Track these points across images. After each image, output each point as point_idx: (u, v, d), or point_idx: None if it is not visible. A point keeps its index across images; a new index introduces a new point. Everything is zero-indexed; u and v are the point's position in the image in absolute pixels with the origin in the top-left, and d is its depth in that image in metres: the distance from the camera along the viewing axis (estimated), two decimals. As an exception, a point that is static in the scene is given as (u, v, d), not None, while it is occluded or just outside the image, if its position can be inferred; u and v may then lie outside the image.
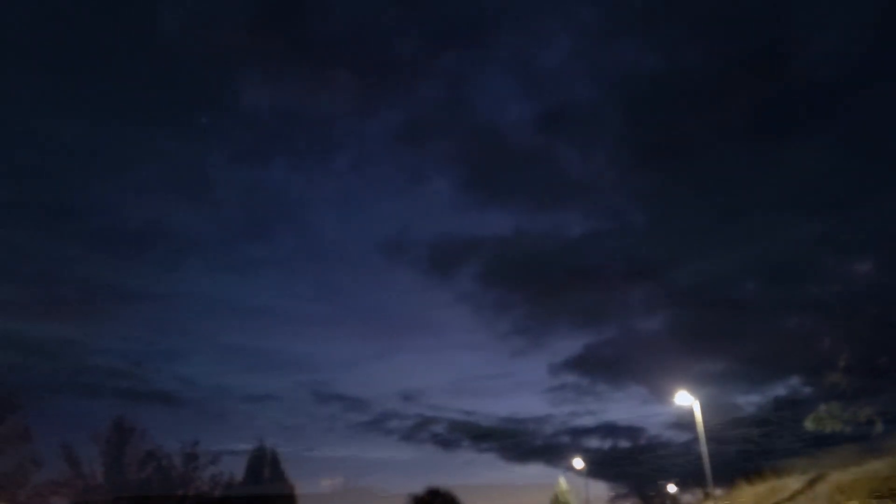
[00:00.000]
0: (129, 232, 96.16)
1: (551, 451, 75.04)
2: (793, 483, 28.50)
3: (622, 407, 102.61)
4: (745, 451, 54.80)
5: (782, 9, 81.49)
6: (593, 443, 78.26)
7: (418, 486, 57.37)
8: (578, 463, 60.43)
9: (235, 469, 51.71)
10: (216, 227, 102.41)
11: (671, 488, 56.59)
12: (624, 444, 77.01)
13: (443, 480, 71.16)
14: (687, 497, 55.25)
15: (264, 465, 53.01)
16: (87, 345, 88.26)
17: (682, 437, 70.63)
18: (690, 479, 51.65)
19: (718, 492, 36.32)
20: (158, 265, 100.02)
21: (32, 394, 41.09)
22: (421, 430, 78.80)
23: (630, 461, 69.89)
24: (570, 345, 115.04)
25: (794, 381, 67.40)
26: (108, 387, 67.19)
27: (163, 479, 43.91)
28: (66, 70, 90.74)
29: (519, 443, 77.17)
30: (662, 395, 73.92)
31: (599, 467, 64.59)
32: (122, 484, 42.07)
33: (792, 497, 26.65)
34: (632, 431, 77.68)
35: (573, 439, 78.10)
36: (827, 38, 78.39)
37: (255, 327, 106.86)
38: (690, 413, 30.58)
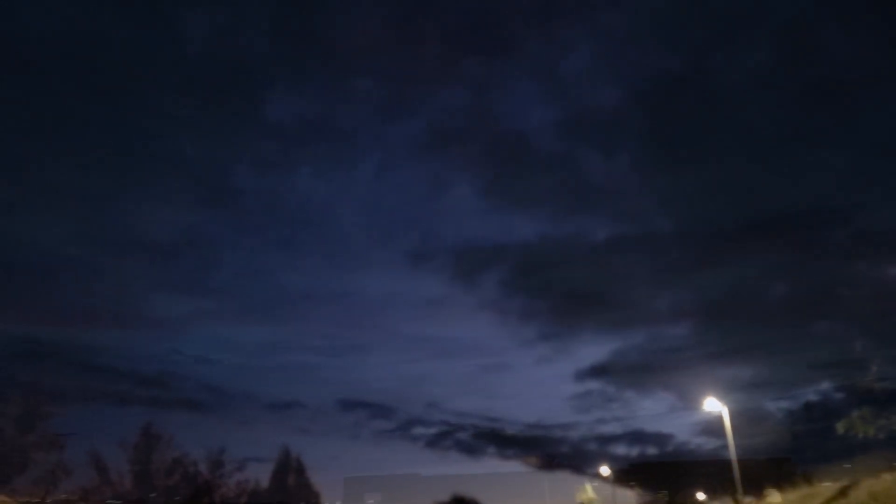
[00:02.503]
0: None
1: (578, 458, 74.29)
2: (825, 490, 27.75)
3: (649, 414, 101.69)
4: (775, 458, 53.77)
5: (805, 13, 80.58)
6: (620, 449, 77.57)
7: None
8: (605, 470, 59.91)
9: (261, 476, 52.25)
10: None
11: (700, 495, 55.62)
12: (651, 450, 76.17)
13: (468, 487, 70.90)
14: (716, 504, 54.25)
15: (289, 471, 53.30)
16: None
17: (710, 443, 69.67)
18: (719, 486, 50.70)
19: (748, 499, 35.61)
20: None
21: (63, 402, 41.86)
22: (446, 438, 78.58)
23: (658, 468, 68.98)
24: (597, 351, 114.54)
25: (826, 386, 66.12)
26: (136, 395, 68.28)
27: (189, 485, 44.32)
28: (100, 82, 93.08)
29: (545, 450, 76.57)
30: (690, 402, 72.90)
31: (626, 474, 63.83)
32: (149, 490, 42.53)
33: (824, 505, 25.98)
34: (659, 438, 76.86)
35: (600, 446, 77.43)
36: (850, 41, 77.29)
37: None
38: (719, 419, 30.13)
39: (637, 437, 76.76)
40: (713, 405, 30.36)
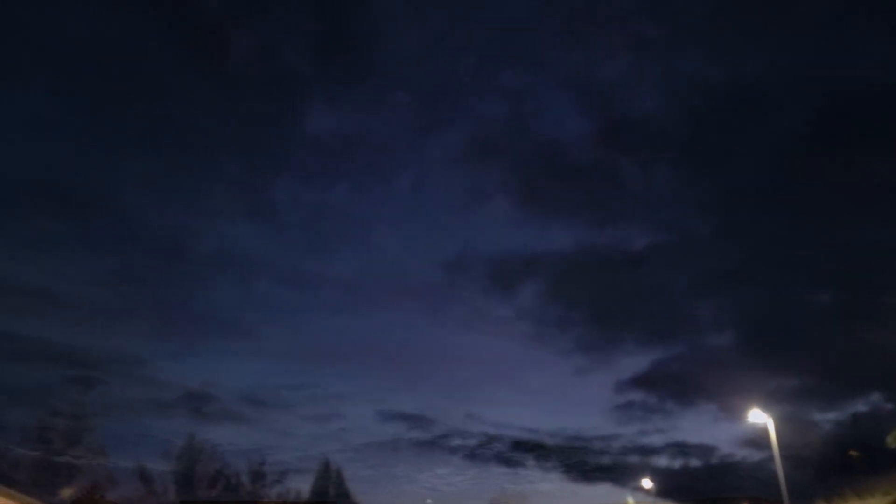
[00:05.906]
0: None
1: (619, 471, 73.03)
2: (874, 503, 27.04)
3: (692, 425, 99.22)
4: (823, 470, 52.32)
5: (841, 18, 78.97)
6: (662, 462, 75.97)
7: None
8: (647, 483, 58.87)
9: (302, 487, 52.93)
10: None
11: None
12: (695, 462, 74.46)
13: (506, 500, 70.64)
14: (763, 518, 52.90)
15: (329, 482, 53.78)
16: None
17: (755, 455, 67.82)
18: (765, 499, 49.54)
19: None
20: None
21: (109, 413, 43.05)
22: (485, 449, 78.07)
23: (701, 480, 67.68)
24: (637, 361, 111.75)
25: (875, 396, 64.05)
26: (181, 406, 69.55)
27: (231, 496, 45.10)
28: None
29: (585, 462, 75.52)
30: (734, 413, 71.25)
31: (669, 487, 62.65)
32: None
33: (874, 519, 25.29)
34: (703, 450, 75.03)
35: (641, 458, 75.95)
36: (883, 46, 75.50)
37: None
38: (764, 431, 29.53)
39: (679, 448, 74.95)
40: (758, 416, 29.76)
